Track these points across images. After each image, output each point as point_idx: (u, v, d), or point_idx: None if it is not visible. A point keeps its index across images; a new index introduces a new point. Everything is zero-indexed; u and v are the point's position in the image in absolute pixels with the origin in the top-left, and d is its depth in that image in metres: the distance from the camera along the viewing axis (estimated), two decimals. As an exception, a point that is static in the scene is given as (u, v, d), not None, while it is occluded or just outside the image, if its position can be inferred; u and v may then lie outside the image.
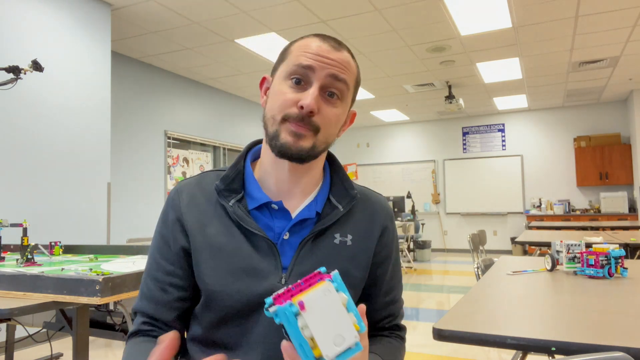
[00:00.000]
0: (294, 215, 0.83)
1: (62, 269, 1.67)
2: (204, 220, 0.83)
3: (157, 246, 0.86)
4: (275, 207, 0.83)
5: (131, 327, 0.85)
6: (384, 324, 0.92)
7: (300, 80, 0.78)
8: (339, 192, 0.86)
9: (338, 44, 0.82)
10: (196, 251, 0.82)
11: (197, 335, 0.84)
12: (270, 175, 0.85)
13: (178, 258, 0.83)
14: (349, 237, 0.84)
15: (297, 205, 0.84)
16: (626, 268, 1.70)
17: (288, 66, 0.79)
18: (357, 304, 0.86)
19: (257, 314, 0.78)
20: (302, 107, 0.76)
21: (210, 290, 0.80)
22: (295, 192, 0.84)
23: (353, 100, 0.87)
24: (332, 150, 0.90)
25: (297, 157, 0.78)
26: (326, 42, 0.80)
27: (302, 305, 0.57)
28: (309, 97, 0.76)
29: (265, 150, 0.85)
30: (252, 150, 0.91)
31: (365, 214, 0.88)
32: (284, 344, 0.57)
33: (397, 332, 0.94)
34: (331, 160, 0.92)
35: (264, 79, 0.87)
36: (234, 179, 0.85)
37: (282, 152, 0.78)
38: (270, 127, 0.80)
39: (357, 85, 0.86)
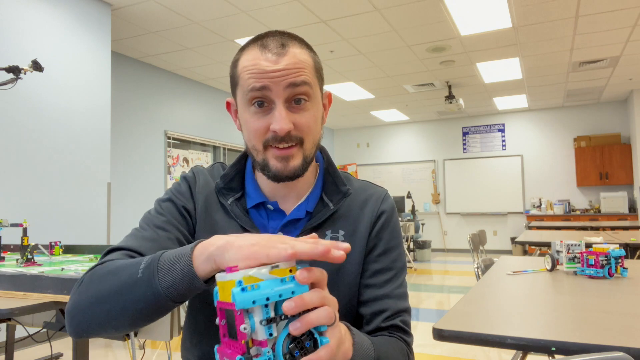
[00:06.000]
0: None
1: (62, 269, 1.67)
2: (211, 206, 0.85)
3: (166, 207, 0.85)
4: (271, 207, 0.84)
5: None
6: (378, 323, 0.81)
7: (263, 102, 0.75)
8: (331, 189, 0.87)
9: (281, 45, 0.76)
10: (199, 231, 0.84)
11: (197, 327, 0.85)
12: (265, 183, 0.86)
13: (184, 221, 0.83)
14: (341, 232, 0.84)
15: (292, 206, 0.85)
16: (626, 268, 1.70)
17: (244, 92, 0.76)
18: (355, 300, 0.85)
19: None
20: (275, 131, 0.74)
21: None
22: (291, 194, 0.86)
23: (321, 86, 0.83)
24: (331, 150, 0.90)
25: (293, 177, 0.79)
26: (269, 51, 0.75)
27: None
28: (278, 120, 0.74)
29: None
30: None
31: (357, 208, 0.87)
32: None
33: (398, 333, 0.81)
34: (323, 154, 0.91)
35: (228, 103, 0.86)
36: (233, 178, 0.87)
37: (277, 178, 0.79)
38: (257, 157, 0.79)
39: (318, 71, 0.81)
